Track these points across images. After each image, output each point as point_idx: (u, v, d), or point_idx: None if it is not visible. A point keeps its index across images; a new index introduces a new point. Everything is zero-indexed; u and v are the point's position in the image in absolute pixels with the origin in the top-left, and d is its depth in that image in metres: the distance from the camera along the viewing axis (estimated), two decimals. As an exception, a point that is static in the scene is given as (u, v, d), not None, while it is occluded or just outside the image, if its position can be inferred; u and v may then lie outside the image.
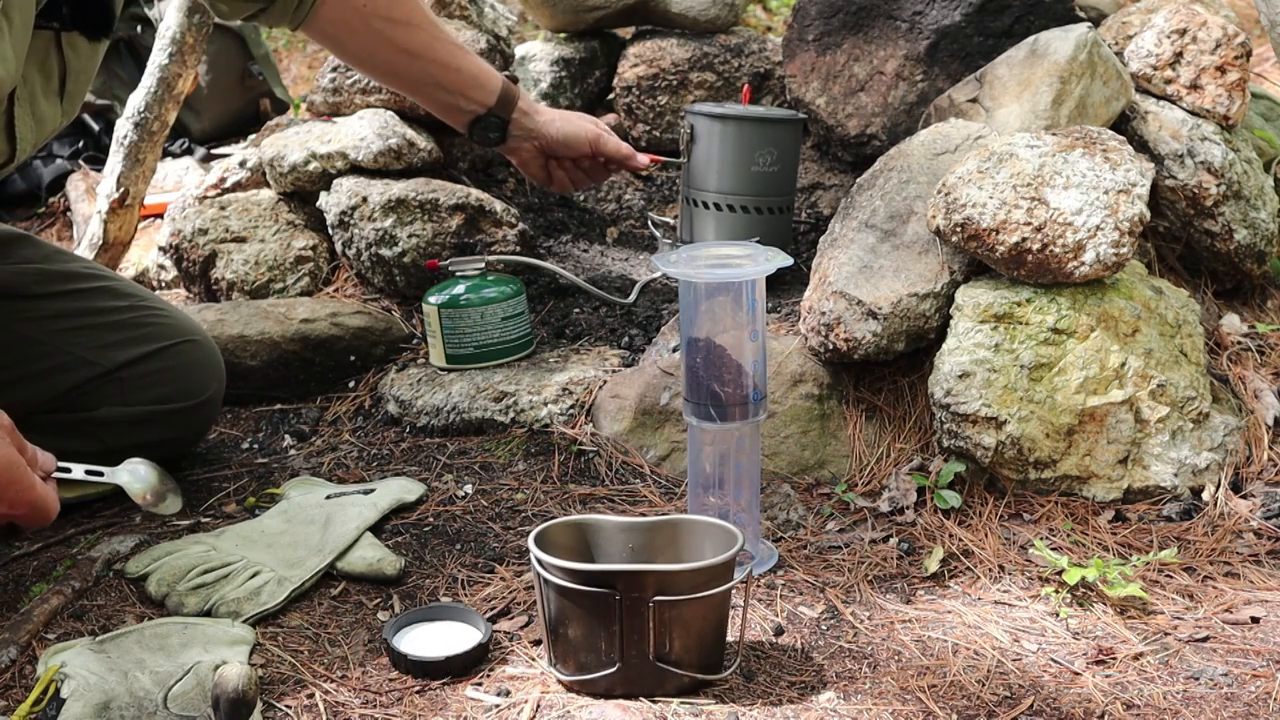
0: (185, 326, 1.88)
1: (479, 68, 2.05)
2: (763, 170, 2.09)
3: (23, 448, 1.45)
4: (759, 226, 2.12)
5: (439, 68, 2.01)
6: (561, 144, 2.10)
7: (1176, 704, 1.36)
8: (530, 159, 2.13)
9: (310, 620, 1.54)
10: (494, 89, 2.04)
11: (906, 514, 1.74)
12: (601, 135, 2.12)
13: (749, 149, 2.09)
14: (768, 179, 2.11)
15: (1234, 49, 2.02)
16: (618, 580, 1.33)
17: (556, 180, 2.16)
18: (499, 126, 2.06)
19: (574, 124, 2.12)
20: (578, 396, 1.96)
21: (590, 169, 2.15)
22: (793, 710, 1.35)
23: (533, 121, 2.08)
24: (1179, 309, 1.83)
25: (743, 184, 2.11)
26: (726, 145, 2.11)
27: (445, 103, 2.05)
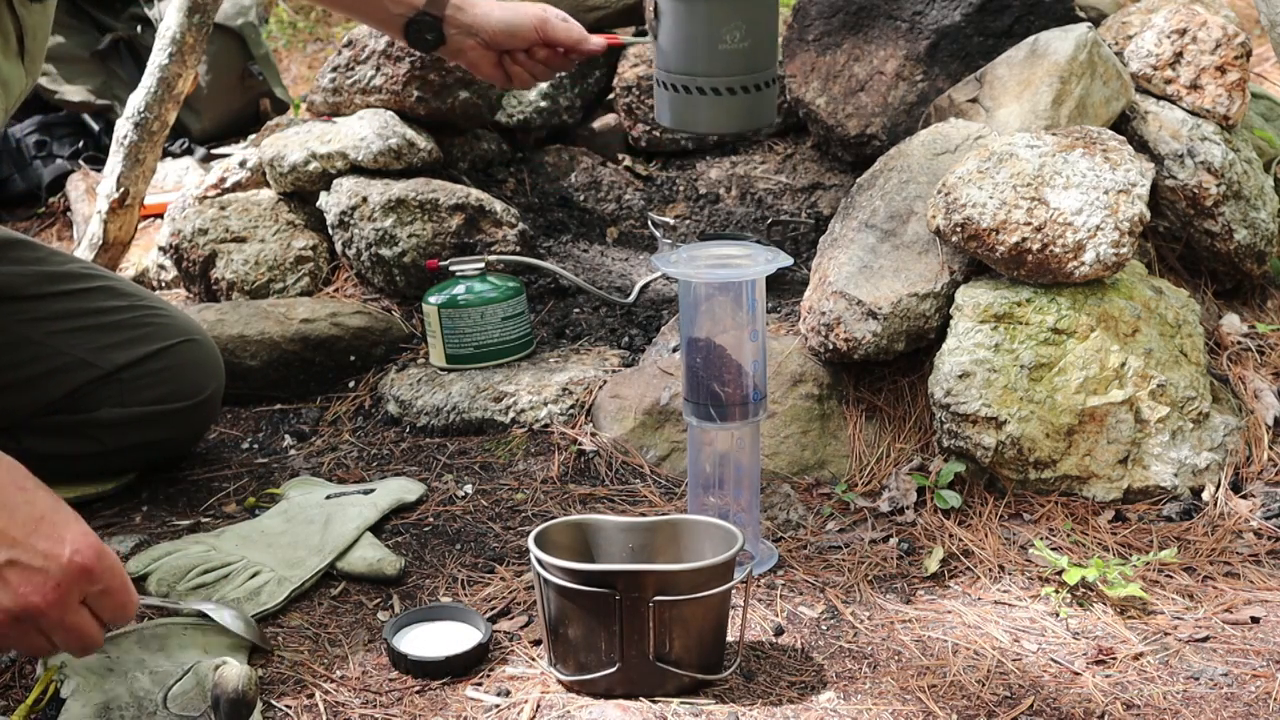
0: (185, 326, 1.88)
1: None
2: (732, 48, 1.92)
3: None
4: (733, 108, 1.96)
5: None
6: (505, 34, 1.95)
7: (1176, 704, 1.36)
8: (479, 58, 1.98)
9: (310, 620, 1.54)
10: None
11: (906, 514, 1.74)
12: (548, 19, 1.96)
13: (713, 26, 1.91)
14: (738, 57, 1.93)
15: (1234, 49, 2.02)
16: (618, 580, 1.33)
17: (515, 77, 2.00)
18: (433, 26, 1.94)
19: (515, 10, 1.97)
20: (578, 396, 1.96)
21: (547, 59, 1.99)
22: (793, 710, 1.35)
23: (469, 15, 1.94)
24: (1179, 309, 1.83)
25: (712, 64, 1.93)
26: (688, 23, 1.93)
27: (375, 11, 1.95)
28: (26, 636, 1.19)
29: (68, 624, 1.19)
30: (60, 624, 1.19)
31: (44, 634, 1.20)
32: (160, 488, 1.87)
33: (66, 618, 1.19)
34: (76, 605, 1.19)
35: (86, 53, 3.41)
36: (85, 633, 1.21)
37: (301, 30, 5.18)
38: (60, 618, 1.18)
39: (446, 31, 1.94)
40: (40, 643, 1.20)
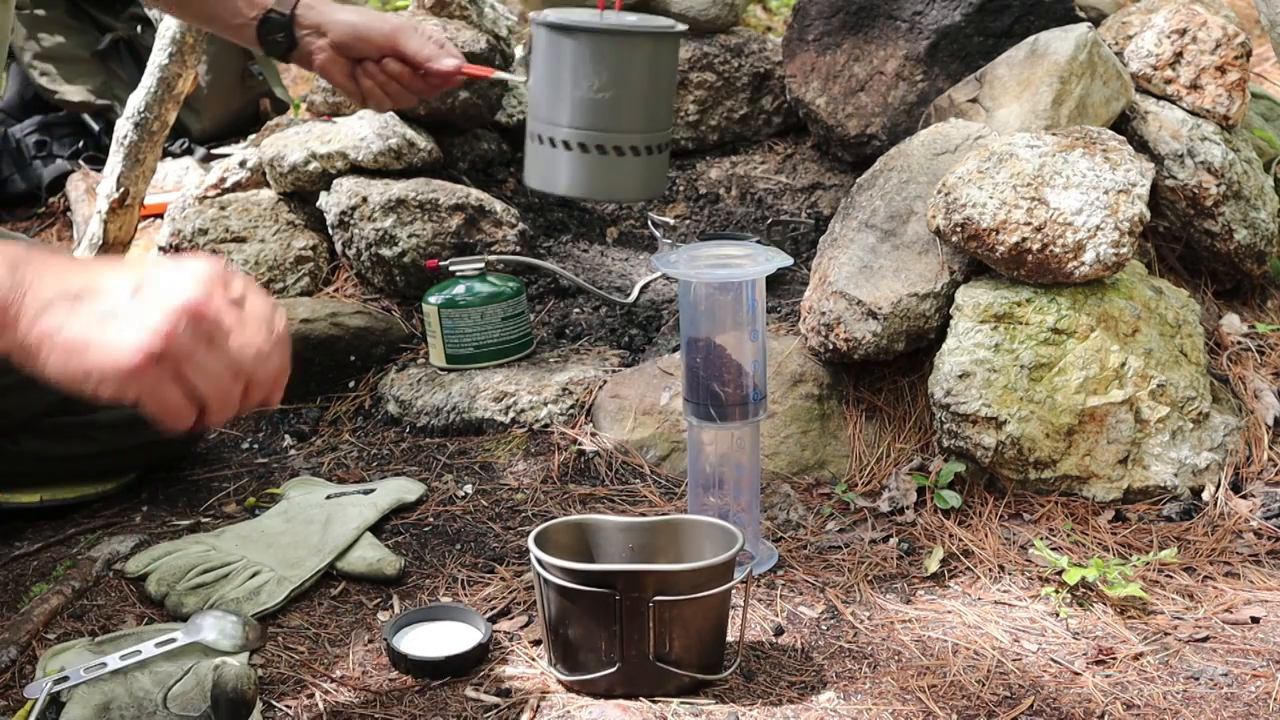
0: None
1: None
2: (589, 96, 1.66)
3: None
4: (594, 170, 1.69)
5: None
6: (354, 37, 1.76)
7: (1176, 704, 1.36)
8: (330, 64, 1.79)
9: (310, 620, 1.54)
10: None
11: (906, 514, 1.74)
12: (403, 29, 1.77)
13: (570, 67, 1.66)
14: (600, 109, 1.65)
15: (1234, 49, 2.02)
16: (618, 580, 1.33)
17: (368, 93, 1.81)
18: (283, 25, 1.77)
19: (370, 14, 1.80)
20: (578, 396, 1.96)
21: (401, 76, 1.78)
22: (793, 710, 1.35)
23: (318, 14, 1.77)
24: (1179, 309, 1.83)
25: (564, 112, 1.67)
26: (547, 60, 1.69)
27: (228, 16, 1.79)
28: (192, 361, 1.05)
29: (238, 313, 1.06)
30: (224, 313, 1.05)
31: (213, 342, 1.06)
32: (160, 488, 1.87)
33: (227, 307, 1.05)
34: (229, 303, 1.06)
35: (87, 53, 3.41)
36: (254, 320, 1.08)
37: (301, 30, 5.18)
38: (219, 315, 1.05)
39: (297, 32, 1.79)
40: (208, 365, 1.05)
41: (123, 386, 1.04)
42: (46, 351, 1.06)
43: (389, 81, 1.78)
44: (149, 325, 1.03)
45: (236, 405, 1.10)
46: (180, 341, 1.04)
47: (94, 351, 1.04)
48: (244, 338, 1.08)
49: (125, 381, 1.04)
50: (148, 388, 1.04)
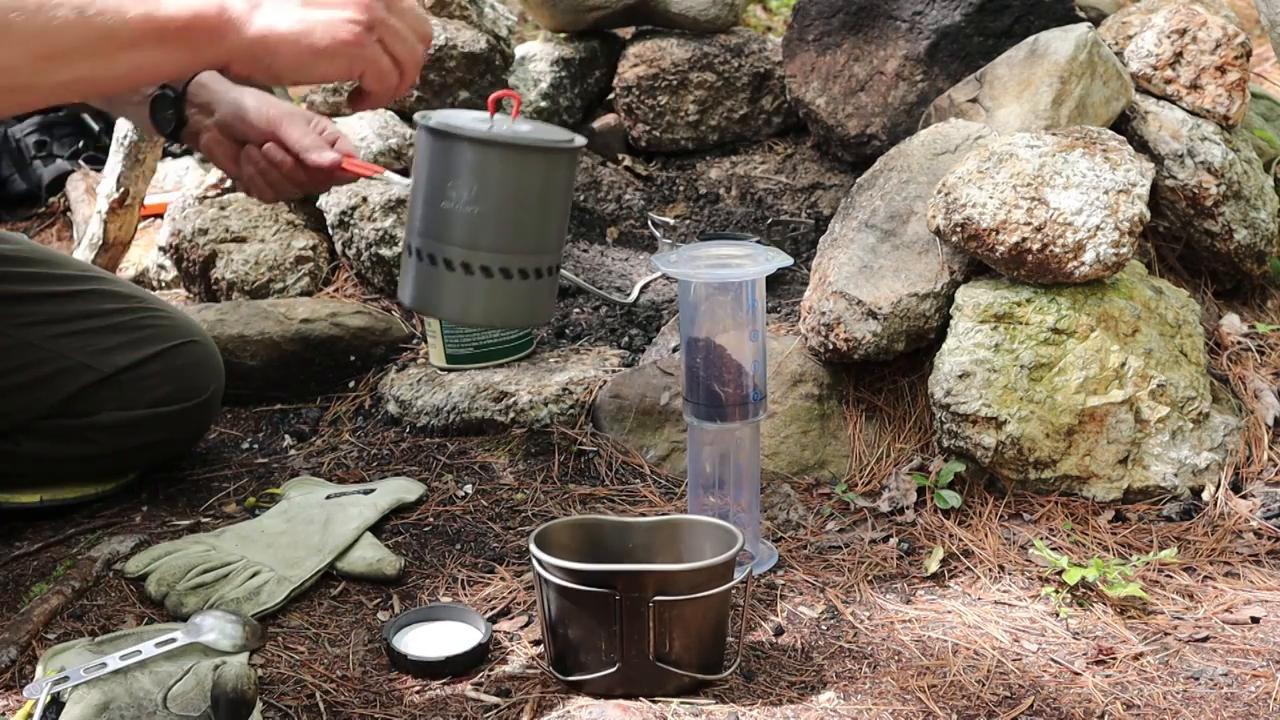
0: (185, 327, 1.88)
1: None
2: (455, 208, 1.52)
3: None
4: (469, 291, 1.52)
5: None
6: (236, 118, 1.66)
7: (1176, 704, 1.36)
8: (215, 145, 1.68)
9: (310, 620, 1.54)
10: None
11: (906, 514, 1.74)
12: (287, 115, 1.66)
13: (438, 175, 1.52)
14: (462, 221, 1.51)
15: (1234, 49, 2.02)
16: (618, 580, 1.33)
17: (251, 181, 1.68)
18: (173, 102, 1.67)
19: (257, 95, 1.69)
20: (578, 396, 1.96)
21: (284, 167, 1.65)
22: (793, 710, 1.35)
23: (208, 92, 1.67)
24: (1179, 309, 1.83)
25: (429, 223, 1.53)
26: (422, 161, 1.55)
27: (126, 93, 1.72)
28: (392, 29, 1.32)
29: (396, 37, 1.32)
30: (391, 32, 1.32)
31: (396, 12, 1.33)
32: (160, 488, 1.87)
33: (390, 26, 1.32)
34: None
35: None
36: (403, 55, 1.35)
37: (301, 30, 5.17)
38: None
39: (186, 110, 1.68)
40: (402, 31, 1.33)
41: (350, 60, 1.31)
42: (274, 45, 1.27)
43: (270, 169, 1.66)
44: (353, 2, 1.28)
45: (421, 65, 1.37)
46: (378, 11, 1.30)
47: (318, 34, 1.28)
48: (408, 4, 1.33)
49: (351, 53, 1.30)
50: (367, 57, 1.31)
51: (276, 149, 1.64)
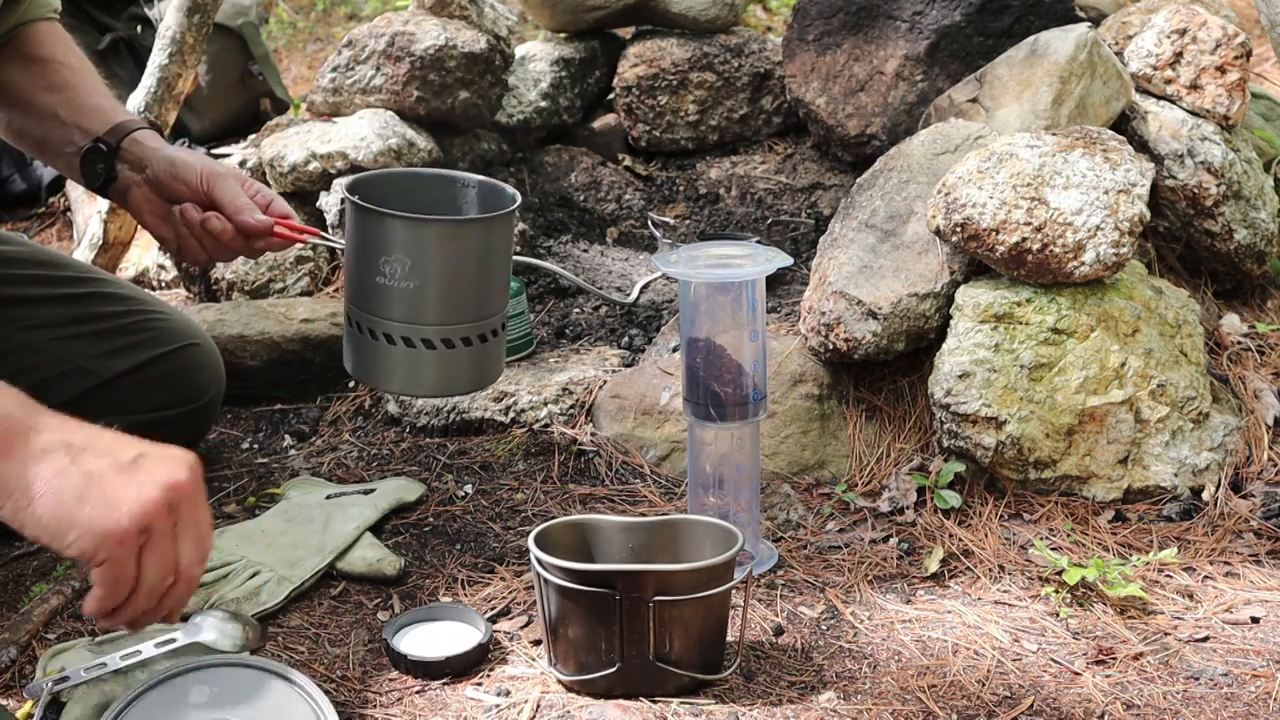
0: (185, 330, 1.87)
1: (107, 103, 1.69)
2: (390, 284, 1.48)
3: None
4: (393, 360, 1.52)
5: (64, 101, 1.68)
6: (169, 175, 1.60)
7: (1176, 704, 1.36)
8: (143, 203, 1.64)
9: (310, 620, 1.54)
10: (112, 119, 1.66)
11: (906, 514, 1.74)
12: (220, 176, 1.59)
13: (372, 249, 1.49)
14: (398, 297, 1.48)
15: (1234, 49, 2.02)
16: (618, 580, 1.33)
17: (182, 241, 1.63)
18: (104, 156, 1.63)
19: (191, 154, 1.65)
20: (578, 396, 1.96)
21: (222, 234, 1.58)
22: (793, 710, 1.35)
23: (141, 149, 1.63)
24: (1179, 309, 1.83)
25: (365, 297, 1.51)
26: (352, 239, 1.53)
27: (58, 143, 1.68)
28: (161, 543, 1.09)
29: (200, 513, 1.12)
30: (196, 508, 1.11)
31: (175, 533, 1.10)
32: (160, 488, 1.87)
33: (199, 504, 1.12)
34: (201, 497, 1.12)
35: (87, 52, 3.41)
36: (205, 529, 1.14)
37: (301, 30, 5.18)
38: (195, 504, 1.11)
39: (116, 165, 1.64)
40: (168, 552, 1.10)
41: (101, 547, 1.06)
42: (37, 494, 1.07)
43: (203, 233, 1.60)
44: (145, 496, 1.06)
45: (153, 604, 1.11)
46: (164, 521, 1.07)
47: (88, 508, 1.06)
48: (194, 540, 1.11)
49: (107, 543, 1.05)
50: (120, 556, 1.06)
51: (217, 219, 1.58)
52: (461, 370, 1.55)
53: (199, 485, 1.11)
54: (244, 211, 1.58)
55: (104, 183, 1.66)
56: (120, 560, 1.06)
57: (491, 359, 1.58)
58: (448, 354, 1.52)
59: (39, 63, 1.71)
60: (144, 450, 1.10)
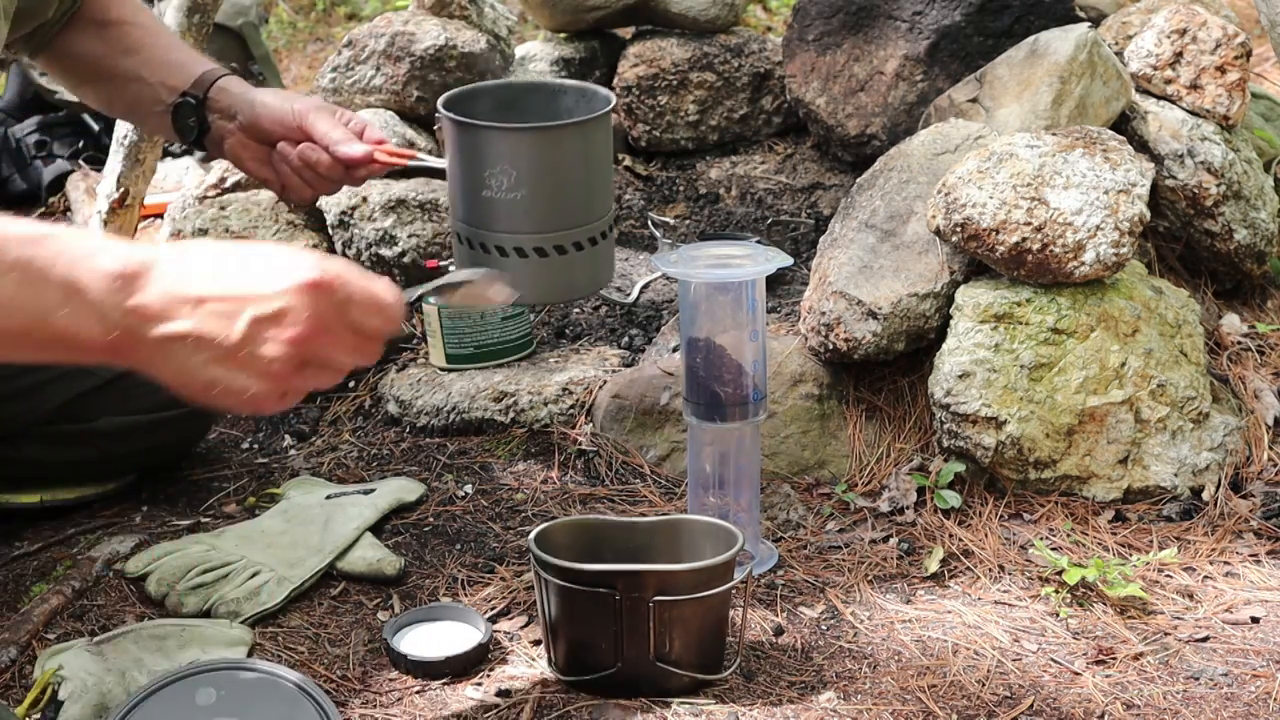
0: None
1: (186, 56, 1.70)
2: (498, 196, 1.50)
3: None
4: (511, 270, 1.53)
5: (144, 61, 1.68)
6: (265, 117, 1.63)
7: (1176, 704, 1.36)
8: (242, 150, 1.66)
9: (310, 620, 1.54)
10: (194, 71, 1.66)
11: (906, 514, 1.74)
12: (313, 109, 1.61)
13: (476, 164, 1.50)
14: (506, 208, 1.50)
15: (1234, 49, 2.02)
16: (618, 580, 1.33)
17: (286, 180, 1.65)
18: (194, 109, 1.64)
19: (281, 94, 1.66)
20: (578, 396, 1.96)
21: (320, 165, 1.61)
22: (793, 710, 1.35)
23: (230, 97, 1.64)
24: (1179, 309, 1.83)
25: (474, 212, 1.52)
26: (455, 156, 1.54)
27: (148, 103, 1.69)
28: (317, 375, 1.10)
29: (344, 343, 1.10)
30: (337, 345, 1.09)
31: (329, 365, 1.10)
32: (160, 488, 1.87)
33: (338, 338, 1.09)
34: (339, 323, 1.09)
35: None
36: (364, 347, 1.12)
37: (301, 30, 5.18)
38: (333, 340, 1.08)
39: (208, 116, 1.66)
40: (330, 373, 1.11)
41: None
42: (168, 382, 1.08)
43: (304, 168, 1.62)
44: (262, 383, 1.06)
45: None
46: (298, 377, 1.08)
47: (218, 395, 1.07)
48: (348, 350, 1.11)
49: (252, 411, 1.11)
50: (273, 407, 1.09)
51: (313, 149, 1.60)
52: (576, 275, 1.57)
53: (322, 327, 1.07)
54: (341, 142, 1.59)
55: (198, 135, 1.67)
56: (275, 406, 1.10)
57: (603, 261, 1.58)
58: (560, 260, 1.53)
59: (112, 27, 1.71)
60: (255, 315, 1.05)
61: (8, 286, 0.99)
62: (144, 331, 1.04)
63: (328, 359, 1.09)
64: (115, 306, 1.02)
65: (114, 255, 1.03)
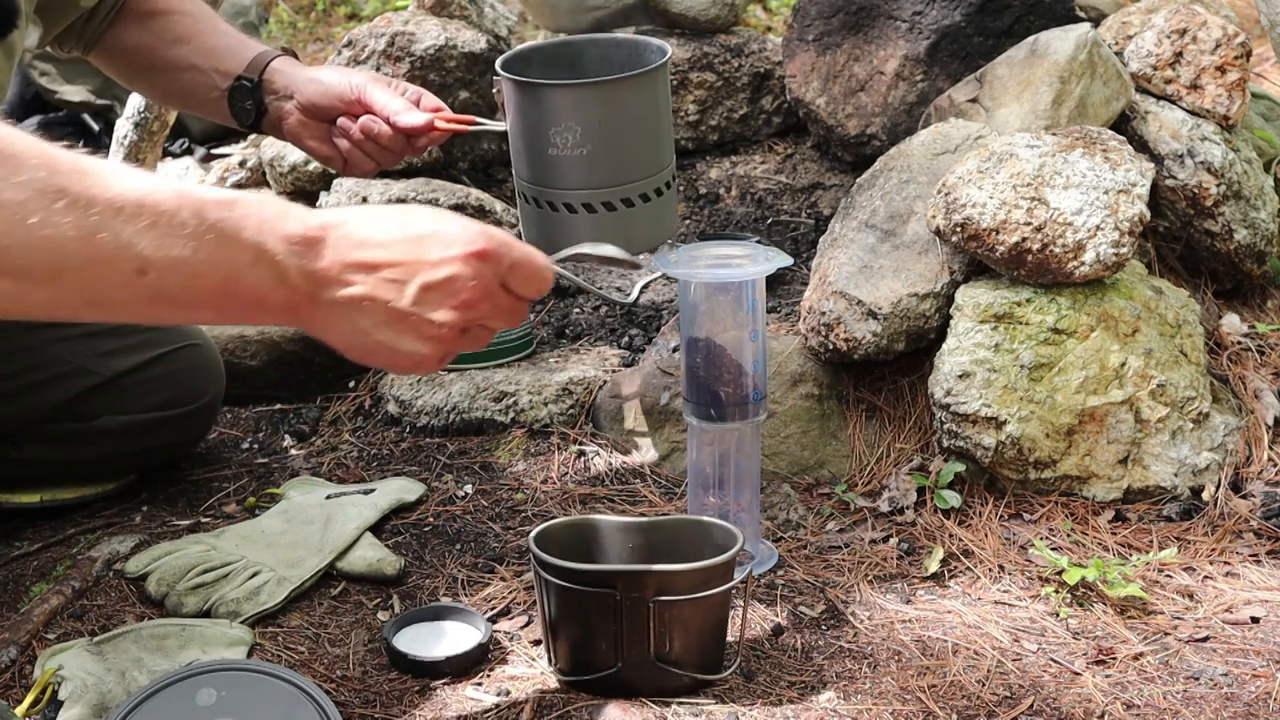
0: (184, 330, 1.87)
1: (235, 40, 1.72)
2: (563, 154, 1.52)
3: None
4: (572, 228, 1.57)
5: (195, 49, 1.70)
6: (322, 94, 1.65)
7: (1176, 704, 1.36)
8: (302, 129, 1.68)
9: (310, 620, 1.54)
10: (246, 55, 1.68)
11: (906, 514, 1.74)
12: (370, 82, 1.64)
13: (539, 123, 1.52)
14: (571, 165, 1.52)
15: (1234, 49, 2.02)
16: (618, 580, 1.33)
17: (348, 155, 1.68)
18: (250, 92, 1.66)
19: (337, 70, 1.69)
20: (578, 396, 1.96)
21: (381, 137, 1.64)
22: (793, 710, 1.35)
23: (286, 77, 1.66)
24: (1179, 309, 1.83)
25: (539, 171, 1.54)
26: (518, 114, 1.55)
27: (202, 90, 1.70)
28: (474, 338, 1.18)
29: (502, 308, 1.17)
30: (496, 311, 1.16)
31: (485, 328, 1.18)
32: (160, 488, 1.87)
33: (498, 303, 1.16)
34: (499, 289, 1.16)
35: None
36: (516, 311, 1.19)
37: (301, 30, 5.18)
38: (493, 305, 1.16)
39: (265, 98, 1.68)
40: (484, 335, 1.19)
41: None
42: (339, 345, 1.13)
43: (366, 141, 1.65)
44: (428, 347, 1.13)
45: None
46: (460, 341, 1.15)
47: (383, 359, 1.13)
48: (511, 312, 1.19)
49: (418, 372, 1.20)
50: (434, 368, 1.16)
51: (374, 121, 1.62)
52: (641, 228, 1.58)
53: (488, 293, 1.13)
54: (401, 113, 1.61)
55: (255, 118, 1.69)
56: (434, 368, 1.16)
57: (667, 212, 1.59)
58: (626, 213, 1.55)
59: (159, 17, 1.72)
60: (424, 281, 1.11)
61: (205, 247, 1.03)
62: (321, 294, 1.09)
63: (487, 323, 1.16)
64: (297, 269, 1.07)
65: (297, 219, 1.08)
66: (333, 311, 1.10)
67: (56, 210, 0.97)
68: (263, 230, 1.05)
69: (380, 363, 1.15)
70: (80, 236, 0.98)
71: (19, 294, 0.98)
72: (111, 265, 1.00)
